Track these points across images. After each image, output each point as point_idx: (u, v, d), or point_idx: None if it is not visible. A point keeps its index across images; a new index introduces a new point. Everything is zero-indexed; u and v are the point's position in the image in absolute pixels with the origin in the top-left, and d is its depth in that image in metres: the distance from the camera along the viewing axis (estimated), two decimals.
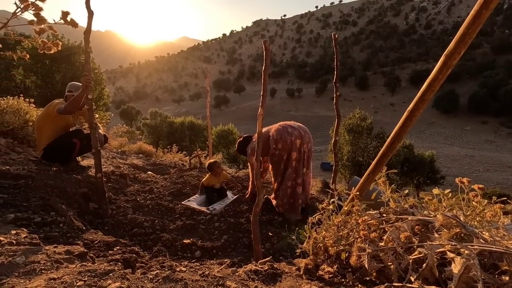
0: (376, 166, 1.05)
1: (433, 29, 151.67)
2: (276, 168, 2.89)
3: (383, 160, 1.02)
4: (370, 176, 1.09)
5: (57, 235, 1.52)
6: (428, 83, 0.82)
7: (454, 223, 0.79)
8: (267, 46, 1.69)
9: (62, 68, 13.88)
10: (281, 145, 2.74)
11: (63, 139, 2.84)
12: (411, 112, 0.88)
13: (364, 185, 1.13)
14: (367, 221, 1.07)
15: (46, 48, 1.88)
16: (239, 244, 2.46)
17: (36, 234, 1.46)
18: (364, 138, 19.66)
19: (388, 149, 0.97)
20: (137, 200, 3.06)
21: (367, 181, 1.12)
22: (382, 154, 1.00)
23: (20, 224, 1.55)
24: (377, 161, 1.04)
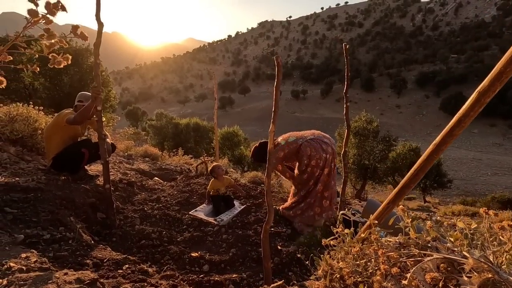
0: (396, 196, 1.01)
1: (440, 30, 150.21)
2: (304, 183, 2.81)
3: (405, 191, 0.98)
4: (390, 205, 1.05)
5: (66, 255, 1.50)
6: (458, 118, 0.78)
7: (486, 267, 0.74)
8: (279, 61, 1.65)
9: (70, 71, 14.03)
10: (315, 162, 2.67)
11: (72, 148, 2.84)
12: (437, 146, 0.84)
13: (383, 214, 1.09)
14: (387, 253, 1.02)
15: (56, 62, 1.86)
16: (248, 258, 2.42)
17: (46, 254, 1.44)
18: (370, 141, 19.50)
19: (411, 181, 0.93)
20: (144, 210, 3.05)
21: (386, 210, 1.07)
22: (404, 185, 0.96)
23: (30, 242, 1.54)
24: (398, 192, 0.99)
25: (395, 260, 1.02)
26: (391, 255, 1.03)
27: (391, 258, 1.02)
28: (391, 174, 21.60)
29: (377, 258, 1.07)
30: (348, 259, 1.16)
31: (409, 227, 1.09)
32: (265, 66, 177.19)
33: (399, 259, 1.02)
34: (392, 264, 1.02)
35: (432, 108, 73.16)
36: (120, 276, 1.48)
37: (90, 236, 2.07)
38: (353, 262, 1.14)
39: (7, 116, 3.26)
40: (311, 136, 2.76)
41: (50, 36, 1.81)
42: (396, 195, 0.99)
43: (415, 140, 34.47)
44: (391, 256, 1.02)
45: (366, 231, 1.19)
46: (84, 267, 1.45)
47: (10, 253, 1.27)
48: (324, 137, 2.79)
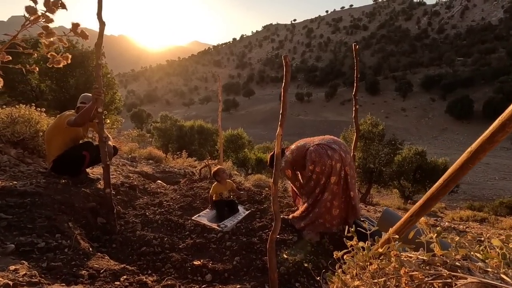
0: (421, 209, 0.90)
1: (446, 33, 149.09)
2: (309, 191, 2.67)
3: (431, 203, 0.87)
4: (413, 218, 0.94)
5: (60, 265, 1.41)
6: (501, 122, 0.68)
7: None
8: (287, 61, 1.56)
9: (76, 73, 14.13)
10: (319, 168, 2.50)
11: (73, 151, 2.77)
12: (474, 154, 0.74)
13: (404, 228, 0.98)
14: (410, 272, 0.91)
15: (55, 62, 1.79)
16: (252, 267, 2.31)
17: (39, 264, 1.35)
18: (375, 144, 19.26)
19: (440, 192, 0.83)
20: (146, 215, 2.96)
21: (409, 224, 0.96)
22: (431, 196, 0.85)
23: (23, 251, 1.45)
24: (423, 204, 0.89)
25: (419, 281, 0.91)
26: (414, 274, 0.92)
27: (415, 278, 0.91)
28: (397, 178, 21.29)
29: (398, 277, 0.96)
30: (364, 277, 1.05)
31: (434, 243, 0.98)
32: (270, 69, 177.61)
33: (424, 280, 0.91)
34: (416, 285, 0.91)
35: (438, 111, 72.41)
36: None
37: (89, 243, 1.98)
38: (371, 280, 1.04)
39: (8, 118, 3.22)
40: (319, 141, 2.61)
41: (48, 34, 1.74)
42: (421, 207, 0.88)
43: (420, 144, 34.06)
44: (415, 276, 0.91)
45: (385, 245, 1.08)
46: (79, 279, 1.36)
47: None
48: (334, 142, 2.60)
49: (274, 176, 1.70)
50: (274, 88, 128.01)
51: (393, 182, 21.69)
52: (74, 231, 2.00)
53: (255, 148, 24.11)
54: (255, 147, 24.70)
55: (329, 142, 2.56)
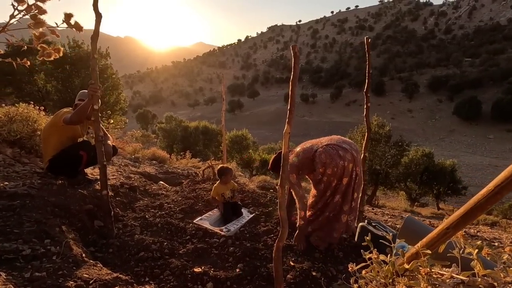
0: (461, 220, 0.74)
1: (453, 34, 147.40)
2: (320, 195, 2.50)
3: (475, 214, 0.71)
4: (449, 231, 0.78)
5: (45, 276, 1.28)
6: None
7: None
8: (296, 51, 1.41)
9: (81, 73, 14.16)
10: (331, 170, 2.33)
11: (70, 150, 2.65)
12: None
13: (438, 242, 0.82)
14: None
15: (46, 54, 1.67)
16: (256, 275, 2.16)
17: (21, 273, 1.22)
18: (382, 145, 18.96)
19: (488, 200, 0.67)
20: (145, 218, 2.83)
21: (444, 237, 0.80)
22: (476, 205, 0.69)
23: (6, 259, 1.32)
24: (465, 214, 0.73)
25: None
26: None
27: None
28: (404, 180, 20.94)
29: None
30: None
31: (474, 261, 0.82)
32: (274, 70, 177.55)
33: None
34: None
35: (445, 112, 71.47)
36: None
37: (82, 249, 1.85)
38: None
39: (6, 116, 3.12)
40: (328, 142, 2.43)
41: (37, 24, 1.62)
42: (461, 218, 0.72)
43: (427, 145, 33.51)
44: None
45: (413, 261, 0.92)
46: None
47: None
48: (343, 142, 2.43)
49: (281, 178, 1.55)
50: (279, 89, 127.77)
51: (400, 184, 21.36)
52: (67, 236, 1.87)
53: (260, 149, 23.99)
54: (260, 148, 24.57)
55: (339, 142, 2.37)
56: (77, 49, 14.76)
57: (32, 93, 15.72)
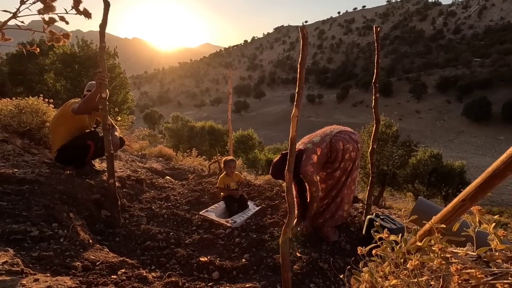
0: (479, 190, 0.71)
1: (462, 33, 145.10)
2: (334, 183, 2.51)
3: (494, 182, 0.68)
4: (466, 203, 0.75)
5: (52, 255, 1.28)
6: None
7: None
8: (305, 33, 1.39)
9: (90, 73, 14.36)
10: (348, 155, 2.40)
11: (78, 140, 2.68)
12: None
13: (453, 215, 0.79)
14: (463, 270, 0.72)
15: (55, 39, 1.68)
16: (263, 266, 2.14)
17: (29, 253, 1.22)
18: (389, 146, 18.73)
19: (507, 166, 0.64)
20: (152, 209, 2.83)
21: (460, 210, 0.77)
22: (494, 173, 0.66)
23: (14, 238, 1.33)
24: (483, 182, 0.70)
25: (477, 281, 0.72)
26: (470, 273, 0.73)
27: (472, 278, 0.72)
28: (411, 181, 20.63)
29: (446, 276, 0.77)
30: (402, 275, 0.87)
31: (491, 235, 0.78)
32: (281, 70, 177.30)
33: (483, 280, 0.72)
34: (473, 286, 0.72)
35: (454, 113, 70.32)
36: (112, 283, 1.24)
37: (89, 235, 1.86)
38: (409, 279, 0.85)
39: (16, 108, 3.17)
40: (336, 130, 2.48)
41: (47, 8, 1.63)
42: (478, 188, 0.69)
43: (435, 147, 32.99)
44: (471, 275, 0.72)
45: (425, 238, 0.89)
46: (71, 270, 1.23)
47: None
48: (340, 127, 2.56)
49: (288, 162, 1.53)
50: (285, 90, 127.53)
51: (407, 185, 21.06)
52: (74, 222, 1.88)
53: (266, 149, 23.96)
54: (266, 148, 24.54)
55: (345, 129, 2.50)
56: (86, 49, 14.97)
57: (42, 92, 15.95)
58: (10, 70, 15.89)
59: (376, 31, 2.32)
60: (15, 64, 15.07)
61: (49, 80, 15.54)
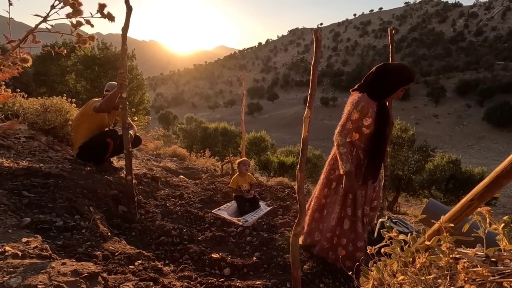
0: (486, 190, 0.72)
1: (484, 36, 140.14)
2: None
3: (501, 182, 0.70)
4: (474, 202, 0.77)
5: (75, 244, 1.37)
6: None
7: None
8: (318, 36, 1.42)
9: (109, 74, 14.83)
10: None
11: (97, 138, 2.81)
12: None
13: (462, 215, 0.81)
14: (470, 268, 0.74)
15: (82, 41, 1.79)
16: (273, 264, 2.17)
17: (55, 242, 1.31)
18: (404, 150, 18.32)
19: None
20: (166, 206, 2.92)
21: (468, 209, 0.79)
22: (501, 173, 0.68)
23: (41, 227, 1.43)
24: (491, 182, 0.71)
25: (483, 279, 0.73)
26: (477, 271, 0.74)
27: (478, 276, 0.74)
28: (428, 187, 20.08)
29: (454, 274, 0.79)
30: (409, 273, 0.88)
31: (500, 235, 0.79)
32: (294, 73, 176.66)
33: (489, 278, 0.73)
34: (479, 284, 0.73)
35: (474, 118, 67.89)
36: (130, 272, 1.31)
37: (108, 228, 1.95)
38: (417, 277, 0.87)
39: (42, 107, 3.35)
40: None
41: (76, 12, 1.74)
42: (486, 188, 0.71)
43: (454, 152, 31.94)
44: (478, 273, 0.74)
45: (434, 237, 0.90)
46: (92, 258, 1.31)
47: (11, 236, 1.16)
48: None
49: (300, 162, 1.56)
50: (299, 92, 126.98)
51: (423, 191, 20.47)
52: (94, 215, 1.98)
53: (278, 152, 23.91)
54: (278, 151, 24.50)
55: None
56: (106, 51, 15.48)
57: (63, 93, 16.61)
58: (35, 71, 16.61)
59: (391, 34, 2.32)
60: (39, 66, 15.76)
61: (70, 81, 16.15)
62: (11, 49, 1.82)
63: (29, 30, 1.95)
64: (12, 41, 1.84)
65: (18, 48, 1.86)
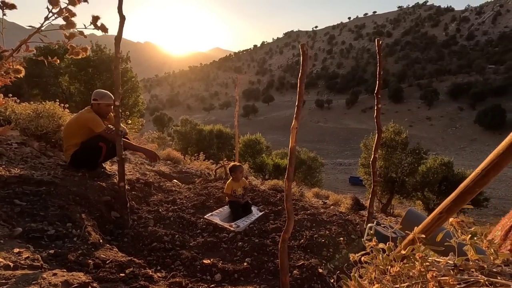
0: (453, 204, 0.78)
1: (476, 40, 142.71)
2: None
3: (465, 197, 0.75)
4: (443, 215, 0.82)
5: (66, 252, 1.40)
6: None
7: None
8: (305, 50, 1.48)
9: (103, 76, 14.77)
10: None
11: (90, 143, 2.83)
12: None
13: (432, 226, 0.86)
14: (439, 277, 0.79)
15: (74, 52, 1.83)
16: (263, 270, 2.21)
17: (46, 251, 1.34)
18: (398, 153, 18.54)
19: (476, 183, 0.71)
20: (159, 211, 2.95)
21: (438, 221, 0.84)
22: (465, 189, 0.74)
23: (33, 236, 1.45)
24: (456, 197, 0.77)
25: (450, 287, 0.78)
26: (444, 280, 0.79)
27: (445, 284, 0.79)
28: (421, 189, 20.33)
29: (424, 282, 0.84)
30: (385, 281, 0.94)
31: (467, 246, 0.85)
32: (290, 75, 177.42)
33: (455, 286, 0.79)
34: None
35: (466, 121, 68.97)
36: (120, 280, 1.34)
37: (100, 235, 1.98)
38: (392, 285, 0.92)
39: (34, 112, 3.35)
40: None
41: (69, 24, 1.78)
42: (453, 202, 0.76)
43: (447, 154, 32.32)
44: (445, 282, 0.79)
45: (409, 247, 0.96)
46: (84, 267, 1.33)
47: (3, 246, 1.18)
48: None
49: (288, 172, 1.61)
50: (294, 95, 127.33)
51: (417, 193, 20.71)
52: (86, 222, 2.00)
53: (273, 154, 23.98)
54: (273, 153, 24.57)
55: None
56: (100, 53, 15.41)
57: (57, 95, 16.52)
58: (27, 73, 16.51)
59: (378, 44, 2.39)
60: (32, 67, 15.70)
61: (63, 83, 16.03)
62: (4, 59, 1.85)
63: (22, 41, 1.98)
64: (5, 50, 1.87)
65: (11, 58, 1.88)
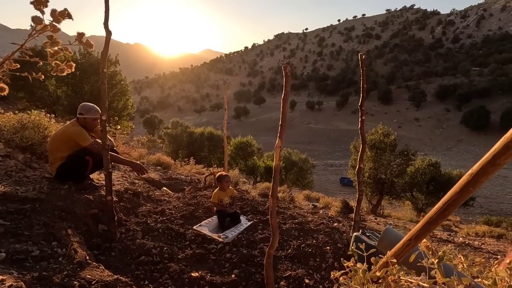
0: (420, 232, 0.83)
1: (461, 43, 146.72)
2: None
3: (431, 227, 0.81)
4: (411, 242, 0.88)
5: (52, 275, 1.40)
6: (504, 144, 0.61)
7: None
8: (287, 72, 1.52)
9: (91, 79, 14.54)
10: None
11: (76, 156, 2.80)
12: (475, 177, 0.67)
13: (403, 251, 0.91)
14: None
15: (59, 70, 1.82)
16: (251, 281, 2.24)
17: (31, 273, 1.33)
18: (387, 154, 18.89)
19: (439, 216, 0.76)
20: (147, 223, 2.94)
21: (407, 247, 0.90)
22: (430, 220, 0.79)
23: (17, 258, 1.45)
24: (422, 227, 0.82)
25: None
26: None
27: None
28: (409, 190, 20.75)
29: None
30: None
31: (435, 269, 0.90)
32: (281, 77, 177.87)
33: None
34: None
35: (453, 122, 70.74)
36: None
37: (86, 252, 1.97)
38: None
39: (19, 123, 3.30)
40: None
41: (53, 43, 1.78)
42: (420, 231, 0.82)
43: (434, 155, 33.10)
44: None
45: (383, 269, 1.01)
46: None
47: None
48: None
49: (272, 189, 1.65)
50: None
51: (406, 194, 21.12)
52: (72, 239, 1.99)
53: (265, 156, 24.06)
54: (265, 155, 24.65)
55: None
56: (88, 56, 15.17)
57: (43, 98, 16.16)
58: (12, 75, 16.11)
59: (361, 59, 2.47)
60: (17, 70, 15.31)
61: (50, 86, 15.70)
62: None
63: (5, 57, 1.97)
64: None
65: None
